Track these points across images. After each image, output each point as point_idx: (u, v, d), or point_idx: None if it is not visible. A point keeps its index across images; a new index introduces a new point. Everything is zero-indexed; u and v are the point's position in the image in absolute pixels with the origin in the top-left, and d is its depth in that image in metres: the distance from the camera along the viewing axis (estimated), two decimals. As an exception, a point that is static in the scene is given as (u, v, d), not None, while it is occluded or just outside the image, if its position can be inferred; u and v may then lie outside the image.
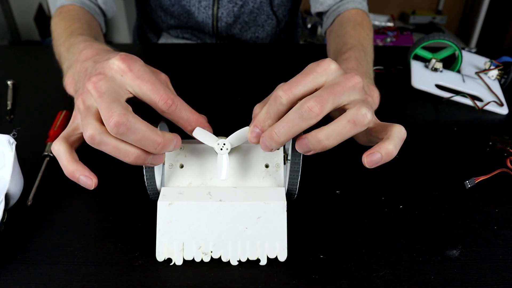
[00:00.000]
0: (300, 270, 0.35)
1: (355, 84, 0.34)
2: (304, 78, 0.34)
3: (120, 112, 0.31)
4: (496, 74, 0.67)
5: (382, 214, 0.41)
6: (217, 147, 0.36)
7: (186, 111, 0.36)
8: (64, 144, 0.36)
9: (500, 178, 0.46)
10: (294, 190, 0.37)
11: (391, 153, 0.33)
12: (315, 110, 0.31)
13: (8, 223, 0.38)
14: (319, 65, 0.34)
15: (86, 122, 0.33)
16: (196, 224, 0.35)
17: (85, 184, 0.35)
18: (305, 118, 0.31)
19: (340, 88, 0.33)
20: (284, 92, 0.33)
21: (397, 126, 0.35)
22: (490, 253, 0.37)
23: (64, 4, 0.64)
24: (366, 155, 0.33)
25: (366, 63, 0.51)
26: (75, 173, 0.35)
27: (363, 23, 0.63)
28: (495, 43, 2.18)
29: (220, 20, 0.85)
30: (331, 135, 0.32)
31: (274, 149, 0.34)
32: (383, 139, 0.34)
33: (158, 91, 0.35)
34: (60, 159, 0.36)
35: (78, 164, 0.35)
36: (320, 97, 0.32)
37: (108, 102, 0.32)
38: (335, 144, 0.33)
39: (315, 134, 0.32)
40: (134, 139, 0.32)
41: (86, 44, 0.47)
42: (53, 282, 0.34)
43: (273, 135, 0.32)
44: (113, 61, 0.35)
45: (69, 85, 0.45)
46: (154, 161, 0.35)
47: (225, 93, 0.64)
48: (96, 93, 0.33)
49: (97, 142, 0.33)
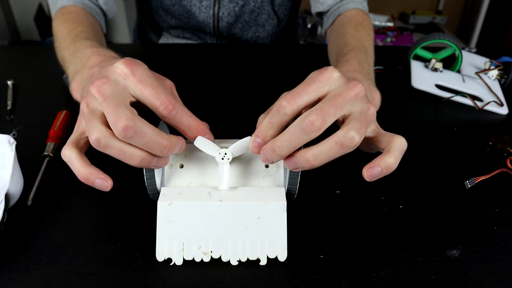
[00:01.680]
0: (300, 270, 0.35)
1: (358, 94, 0.34)
2: (307, 87, 0.34)
3: (127, 116, 0.31)
4: (496, 74, 0.67)
5: (382, 214, 0.41)
6: (218, 157, 0.36)
7: (187, 117, 0.36)
8: (74, 149, 0.36)
9: (500, 178, 0.46)
10: (294, 190, 0.37)
11: (391, 167, 0.34)
12: (316, 124, 0.31)
13: (8, 223, 0.38)
14: (322, 73, 0.34)
15: (91, 125, 0.33)
16: (196, 224, 0.35)
17: (100, 186, 0.35)
18: (307, 132, 0.32)
19: (342, 100, 0.33)
20: (288, 103, 0.33)
21: (397, 138, 0.35)
22: (490, 253, 0.37)
23: (65, 5, 0.64)
24: (366, 169, 0.34)
25: (367, 64, 0.51)
26: (90, 176, 0.35)
27: (364, 23, 0.63)
28: (495, 43, 2.18)
29: (221, 19, 0.85)
30: (319, 156, 0.33)
31: (275, 161, 0.34)
32: (384, 152, 0.34)
33: (159, 96, 0.35)
34: (72, 164, 0.35)
35: (92, 167, 0.35)
36: (321, 111, 0.32)
37: (114, 106, 0.32)
38: (323, 164, 0.33)
39: (303, 154, 0.33)
40: (141, 142, 0.32)
41: (93, 50, 0.47)
42: (53, 282, 0.34)
43: (275, 148, 0.33)
44: (117, 65, 0.35)
45: (76, 90, 0.45)
46: (158, 164, 0.35)
47: (225, 93, 0.64)
48: (101, 97, 0.33)
49: (102, 146, 0.33)
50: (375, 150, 0.39)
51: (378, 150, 0.38)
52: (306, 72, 0.36)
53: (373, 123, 0.37)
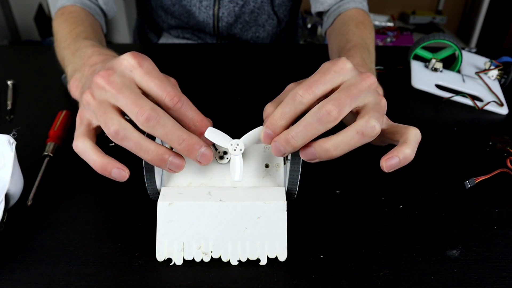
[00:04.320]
0: (300, 270, 0.35)
1: (371, 85, 0.34)
2: (323, 77, 0.33)
3: (150, 107, 0.32)
4: (496, 74, 0.67)
5: (382, 214, 0.41)
6: (230, 148, 0.35)
7: (191, 110, 0.36)
8: (88, 140, 0.35)
9: (500, 178, 0.46)
10: (294, 190, 0.37)
11: (409, 157, 0.33)
12: (333, 114, 0.31)
13: (8, 223, 0.38)
14: (336, 64, 0.34)
15: (108, 117, 0.33)
16: (196, 224, 0.35)
17: (117, 176, 0.34)
18: (324, 122, 0.31)
19: (356, 90, 0.33)
20: (305, 91, 0.32)
21: (413, 129, 0.35)
22: (490, 253, 0.37)
23: (65, 5, 0.64)
24: (385, 159, 0.33)
25: (370, 60, 0.51)
26: (107, 166, 0.34)
27: (364, 22, 0.63)
28: (495, 43, 2.18)
29: (221, 20, 0.85)
30: (339, 146, 0.32)
31: (287, 153, 0.33)
32: (400, 143, 0.34)
33: (165, 88, 0.35)
34: (88, 155, 0.35)
35: (108, 157, 0.35)
36: (338, 100, 0.31)
37: (134, 97, 0.32)
38: (341, 154, 0.32)
39: (322, 144, 0.32)
40: (162, 132, 0.32)
41: (94, 50, 0.47)
42: (53, 282, 0.34)
43: (289, 139, 0.32)
44: (123, 57, 0.35)
45: (75, 88, 0.45)
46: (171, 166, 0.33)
47: (225, 93, 0.64)
48: (113, 89, 0.33)
49: (120, 138, 0.33)
50: (387, 143, 0.38)
51: (390, 142, 0.37)
52: (306, 72, 0.36)
53: (385, 115, 0.37)
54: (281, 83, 0.40)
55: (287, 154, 0.34)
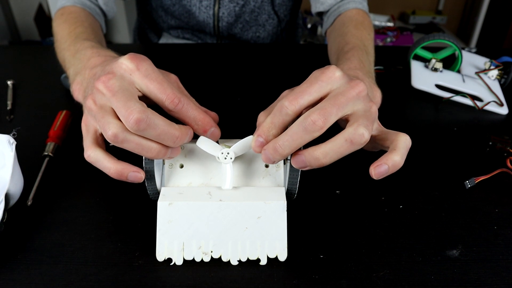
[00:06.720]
0: (300, 270, 0.35)
1: (359, 93, 0.34)
2: (309, 87, 0.34)
3: (139, 109, 0.32)
4: (496, 74, 0.67)
5: (382, 214, 0.41)
6: (221, 156, 0.36)
7: (193, 110, 0.36)
8: (98, 149, 0.36)
9: (500, 178, 0.46)
10: (294, 190, 0.37)
11: (398, 165, 0.34)
12: (318, 123, 0.31)
13: (8, 223, 0.38)
14: (324, 73, 0.34)
15: (106, 121, 0.33)
16: (196, 224, 0.35)
17: (134, 179, 0.35)
18: (309, 131, 0.32)
19: (344, 99, 0.33)
20: (290, 103, 0.33)
21: (402, 136, 0.35)
22: (490, 253, 0.37)
23: (65, 5, 0.64)
24: (374, 167, 0.34)
25: (368, 63, 0.51)
26: (124, 171, 0.35)
27: (364, 23, 0.63)
28: (495, 43, 2.18)
29: (221, 19, 0.85)
30: (328, 153, 0.32)
31: (277, 161, 0.34)
32: (389, 150, 0.34)
33: (164, 90, 0.35)
34: (101, 163, 0.36)
35: (122, 162, 0.36)
36: (323, 110, 0.32)
37: (124, 100, 0.33)
38: (331, 162, 0.33)
39: (312, 152, 0.33)
40: (154, 134, 0.32)
41: (93, 51, 0.47)
42: (53, 282, 0.34)
43: (277, 147, 0.33)
44: (121, 60, 0.35)
45: (77, 91, 0.45)
46: (172, 154, 0.35)
47: (225, 93, 0.64)
48: (109, 92, 0.33)
49: (120, 140, 0.33)
50: (378, 148, 0.39)
51: (381, 148, 0.38)
52: (306, 72, 0.36)
53: (376, 121, 0.37)
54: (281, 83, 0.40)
55: (276, 162, 0.34)
